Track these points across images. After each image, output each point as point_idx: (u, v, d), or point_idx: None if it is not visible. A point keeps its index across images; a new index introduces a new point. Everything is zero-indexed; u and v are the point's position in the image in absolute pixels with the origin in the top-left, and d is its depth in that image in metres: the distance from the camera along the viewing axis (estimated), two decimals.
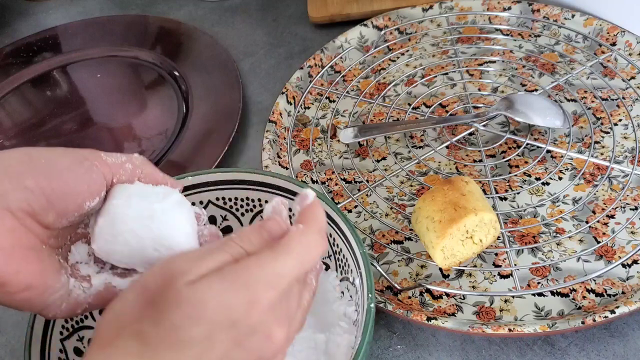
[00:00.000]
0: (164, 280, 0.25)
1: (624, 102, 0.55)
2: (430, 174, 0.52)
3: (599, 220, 0.47)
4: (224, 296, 0.25)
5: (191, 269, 0.26)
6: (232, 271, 0.26)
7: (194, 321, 0.24)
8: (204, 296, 0.25)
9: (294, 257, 0.27)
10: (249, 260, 0.26)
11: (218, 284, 0.25)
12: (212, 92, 0.63)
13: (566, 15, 0.62)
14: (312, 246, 0.28)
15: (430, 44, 0.64)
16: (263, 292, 0.26)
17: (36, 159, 0.30)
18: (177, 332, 0.24)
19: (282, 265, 0.27)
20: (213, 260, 0.26)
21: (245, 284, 0.25)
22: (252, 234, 0.28)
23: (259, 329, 0.26)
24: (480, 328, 0.40)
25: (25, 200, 0.28)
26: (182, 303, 0.24)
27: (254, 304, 0.25)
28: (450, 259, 0.43)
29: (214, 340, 0.25)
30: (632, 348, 0.41)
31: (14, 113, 0.68)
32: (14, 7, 0.84)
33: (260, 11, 0.75)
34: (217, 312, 0.25)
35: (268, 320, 0.26)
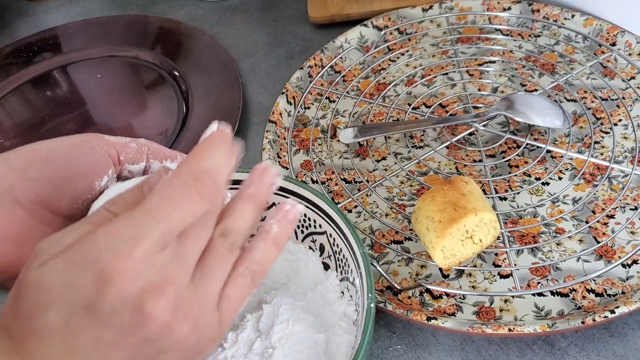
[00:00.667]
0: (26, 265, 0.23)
1: (624, 102, 0.55)
2: (430, 174, 0.52)
3: (599, 220, 0.47)
4: (68, 277, 0.22)
5: (48, 248, 0.23)
6: (80, 245, 0.23)
7: (43, 307, 0.22)
8: (48, 278, 0.22)
9: (152, 214, 0.23)
10: (100, 229, 0.23)
11: (62, 262, 0.22)
12: (212, 92, 0.63)
13: (566, 15, 0.62)
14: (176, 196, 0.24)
15: (430, 44, 0.64)
16: (112, 263, 0.22)
17: (37, 151, 0.30)
18: (31, 320, 0.22)
19: (135, 228, 0.23)
20: (72, 234, 0.23)
21: (89, 258, 0.22)
22: (130, 191, 0.25)
23: (123, 304, 0.22)
24: (480, 328, 0.40)
25: (33, 191, 0.29)
26: (30, 288, 0.22)
27: (103, 280, 0.22)
28: (450, 259, 0.43)
29: (74, 325, 0.22)
30: (632, 348, 0.41)
31: (14, 113, 0.68)
32: (14, 7, 0.84)
33: (260, 11, 0.75)
34: (64, 295, 0.22)
35: (131, 292, 0.22)
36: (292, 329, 0.37)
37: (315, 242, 0.43)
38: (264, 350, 0.36)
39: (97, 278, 0.22)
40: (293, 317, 0.37)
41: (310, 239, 0.43)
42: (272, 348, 0.36)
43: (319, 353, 0.37)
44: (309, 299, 0.40)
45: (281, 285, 0.41)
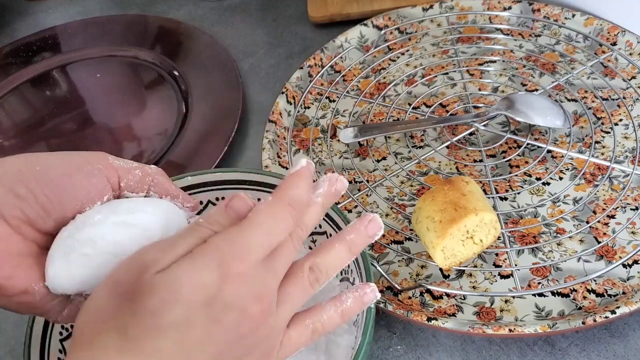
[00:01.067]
0: (134, 273, 0.25)
1: (625, 102, 0.55)
2: (431, 174, 0.52)
3: (600, 221, 0.47)
4: (196, 275, 0.25)
5: (162, 257, 0.26)
6: (201, 251, 0.26)
7: (169, 304, 0.24)
8: (177, 278, 0.25)
9: (260, 227, 0.27)
10: (216, 238, 0.26)
11: (189, 264, 0.25)
12: (212, 92, 0.63)
13: (566, 15, 0.62)
14: (278, 216, 0.28)
15: (430, 43, 0.64)
16: (232, 265, 0.26)
17: (32, 166, 0.29)
18: (155, 318, 0.24)
19: (249, 238, 0.26)
20: (182, 245, 0.26)
21: (214, 260, 0.25)
22: (218, 214, 0.28)
23: (234, 304, 0.26)
24: (480, 328, 0.40)
25: (19, 208, 0.28)
26: (155, 289, 0.24)
27: (225, 280, 0.25)
28: (450, 259, 0.43)
29: (192, 321, 0.25)
30: (632, 348, 0.41)
31: (14, 113, 0.68)
32: (14, 6, 0.84)
33: (260, 11, 0.75)
34: (191, 291, 0.25)
35: (241, 295, 0.26)
36: None
37: (315, 242, 0.43)
38: None
39: (220, 276, 0.25)
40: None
41: (310, 239, 0.43)
42: None
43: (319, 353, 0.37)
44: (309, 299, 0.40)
45: None
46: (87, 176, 0.30)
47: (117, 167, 0.32)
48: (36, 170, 0.29)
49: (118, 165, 0.32)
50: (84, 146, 0.62)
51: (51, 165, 0.30)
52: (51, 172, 0.29)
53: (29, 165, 0.29)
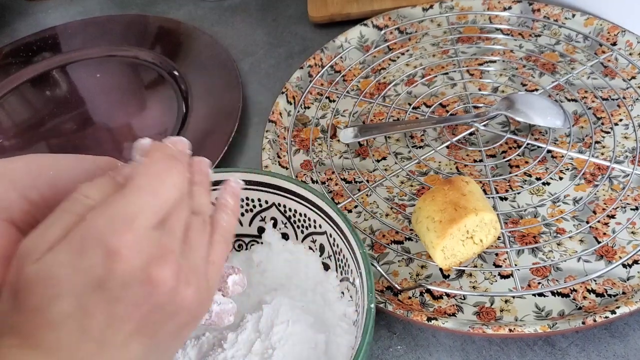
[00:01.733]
0: (15, 266, 0.24)
1: (625, 102, 0.55)
2: (431, 174, 0.52)
3: (600, 220, 0.47)
4: (77, 261, 0.23)
5: (35, 245, 0.24)
6: (79, 231, 0.24)
7: (52, 298, 0.23)
8: (51, 270, 0.23)
9: (144, 190, 0.25)
10: (94, 212, 0.24)
11: (65, 251, 0.23)
12: (212, 92, 0.63)
13: (567, 14, 0.62)
14: (162, 174, 0.26)
15: (430, 43, 0.64)
16: (117, 239, 0.23)
17: (44, 171, 0.29)
18: (42, 312, 0.23)
19: (131, 205, 0.24)
20: (57, 227, 0.24)
21: (95, 238, 0.23)
22: (102, 182, 0.26)
23: (133, 277, 0.24)
24: (480, 328, 0.40)
25: (30, 214, 0.28)
26: (33, 284, 0.23)
27: (112, 256, 0.23)
28: (450, 259, 0.43)
29: (87, 307, 0.23)
30: (632, 348, 0.41)
31: (14, 113, 0.68)
32: (14, 6, 0.84)
33: (260, 11, 0.75)
34: (74, 280, 0.23)
35: (137, 265, 0.24)
36: (292, 330, 0.37)
37: (315, 242, 0.43)
38: (264, 351, 0.36)
39: (105, 256, 0.23)
40: (293, 317, 0.37)
41: (310, 239, 0.43)
42: (272, 348, 0.36)
43: (319, 353, 0.37)
44: (309, 299, 0.40)
45: (281, 285, 0.41)
46: None
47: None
48: (49, 176, 0.29)
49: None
50: (84, 146, 0.62)
51: (63, 170, 0.30)
52: (63, 177, 0.29)
53: (42, 169, 0.29)
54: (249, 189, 0.43)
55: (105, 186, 0.26)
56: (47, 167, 0.29)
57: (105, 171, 0.30)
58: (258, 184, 0.43)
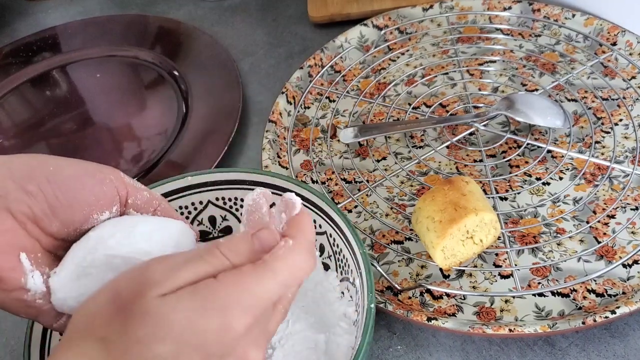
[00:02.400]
0: (135, 288, 0.24)
1: (625, 102, 0.55)
2: (431, 174, 0.52)
3: (600, 220, 0.47)
4: (194, 317, 0.24)
5: (165, 279, 0.24)
6: (207, 289, 0.24)
7: (158, 339, 0.23)
8: (172, 314, 0.23)
9: (277, 278, 0.25)
10: (226, 278, 0.25)
11: (189, 302, 0.24)
12: (212, 92, 0.63)
13: (567, 14, 0.62)
14: (299, 267, 0.26)
15: (430, 43, 0.64)
16: (238, 317, 0.24)
17: (44, 165, 0.29)
18: (142, 347, 0.23)
19: (263, 288, 0.25)
20: (190, 271, 0.25)
21: (219, 307, 0.24)
22: (242, 242, 0.27)
23: (232, 353, 0.25)
24: (480, 328, 0.40)
25: (26, 204, 0.28)
26: (148, 318, 0.23)
27: (227, 330, 0.24)
28: (450, 259, 0.43)
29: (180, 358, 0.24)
30: (632, 348, 0.41)
31: (14, 113, 0.68)
32: (14, 6, 0.84)
33: (260, 11, 0.75)
34: (185, 333, 0.23)
35: (242, 344, 0.25)
36: (292, 329, 0.37)
37: (315, 242, 0.43)
38: None
39: (220, 326, 0.24)
40: (293, 317, 0.37)
41: None
42: (272, 348, 0.36)
43: (319, 353, 0.37)
44: (309, 299, 0.40)
45: None
46: (99, 183, 0.30)
47: (127, 184, 0.32)
48: (49, 170, 0.29)
49: (128, 182, 0.32)
50: (84, 146, 0.62)
51: (64, 166, 0.30)
52: (63, 172, 0.29)
53: (41, 164, 0.29)
54: (249, 189, 0.43)
55: (242, 248, 0.26)
56: (47, 163, 0.30)
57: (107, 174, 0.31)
58: (258, 184, 0.43)
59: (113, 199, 0.31)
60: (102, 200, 0.30)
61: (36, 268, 0.29)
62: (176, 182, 0.42)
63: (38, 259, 0.29)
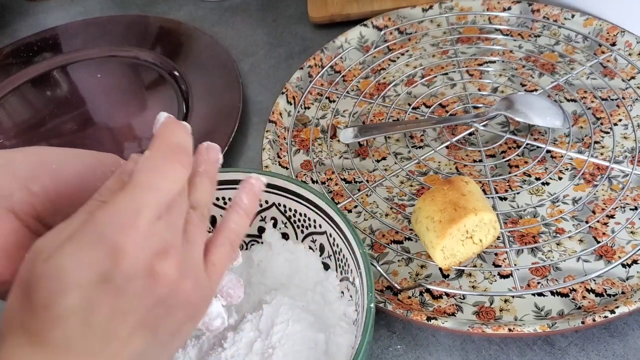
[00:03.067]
0: (28, 263, 0.24)
1: (624, 102, 0.55)
2: (430, 174, 0.52)
3: (599, 220, 0.47)
4: (80, 256, 0.23)
5: (47, 245, 0.24)
6: (83, 228, 0.24)
7: (58, 293, 0.23)
8: (59, 266, 0.23)
9: (145, 187, 0.25)
10: (99, 211, 0.24)
11: (70, 247, 0.24)
12: (212, 92, 0.63)
13: (566, 15, 0.62)
14: (161, 168, 0.26)
15: (430, 44, 0.64)
16: (120, 236, 0.24)
17: (47, 163, 0.29)
18: (49, 310, 0.23)
19: (132, 201, 0.25)
20: (70, 226, 0.25)
21: (98, 235, 0.24)
22: (111, 181, 0.27)
23: (136, 272, 0.24)
24: (480, 328, 0.40)
25: (30, 204, 0.29)
26: (41, 280, 0.23)
27: (115, 252, 0.24)
28: (450, 259, 0.43)
29: (91, 301, 0.23)
30: (632, 348, 0.41)
31: (14, 113, 0.68)
32: (14, 7, 0.84)
33: (260, 11, 0.75)
34: (79, 275, 0.23)
35: (141, 260, 0.24)
36: (292, 329, 0.37)
37: (315, 242, 0.43)
38: (264, 350, 0.36)
39: (109, 252, 0.23)
40: (293, 317, 0.37)
41: (310, 239, 0.43)
42: (272, 348, 0.36)
43: (319, 353, 0.37)
44: (309, 299, 0.40)
45: (281, 285, 0.41)
46: (101, 178, 0.30)
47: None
48: (52, 168, 0.29)
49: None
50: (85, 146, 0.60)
51: (66, 163, 0.30)
52: (66, 170, 0.30)
53: (45, 162, 0.29)
54: None
55: (113, 185, 0.26)
56: (49, 159, 0.30)
57: (108, 166, 0.31)
58: None
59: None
60: None
61: None
62: None
63: None
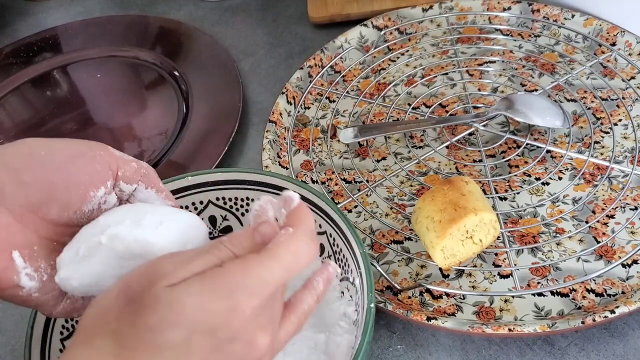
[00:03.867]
0: (146, 281, 0.25)
1: (624, 102, 0.55)
2: (430, 174, 0.52)
3: (599, 220, 0.47)
4: (203, 301, 0.24)
5: (174, 271, 0.25)
6: (214, 275, 0.25)
7: (170, 325, 0.24)
8: (181, 300, 0.24)
9: (281, 263, 0.26)
10: (233, 265, 0.26)
11: (197, 287, 0.25)
12: (212, 92, 0.63)
13: (566, 15, 0.62)
14: (301, 251, 0.27)
15: (430, 44, 0.64)
16: (245, 299, 0.25)
17: (36, 152, 0.30)
18: (153, 335, 0.24)
19: (267, 272, 0.26)
20: (198, 264, 0.26)
21: (227, 290, 0.25)
22: (244, 236, 0.28)
23: (241, 336, 0.25)
24: (480, 328, 0.40)
25: (23, 195, 0.28)
26: (159, 305, 0.24)
27: (235, 312, 0.25)
28: (450, 259, 0.43)
29: (191, 345, 0.24)
30: (631, 348, 0.41)
31: (14, 113, 0.68)
32: (14, 7, 0.84)
33: (260, 11, 0.75)
34: (194, 317, 0.24)
35: (250, 327, 0.25)
36: None
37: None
38: None
39: (228, 308, 0.25)
40: None
41: None
42: None
43: (319, 353, 0.37)
44: None
45: None
46: (91, 161, 0.31)
47: (117, 157, 0.32)
48: (41, 155, 0.30)
49: (117, 155, 0.32)
50: None
51: (55, 150, 0.30)
52: (56, 157, 0.30)
53: (34, 151, 0.30)
54: (249, 189, 0.43)
55: (245, 242, 0.27)
56: (38, 148, 0.30)
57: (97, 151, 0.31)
58: (258, 184, 0.43)
59: (106, 174, 0.31)
60: (96, 178, 0.31)
61: (30, 264, 0.29)
62: (176, 182, 0.42)
63: (33, 253, 0.29)
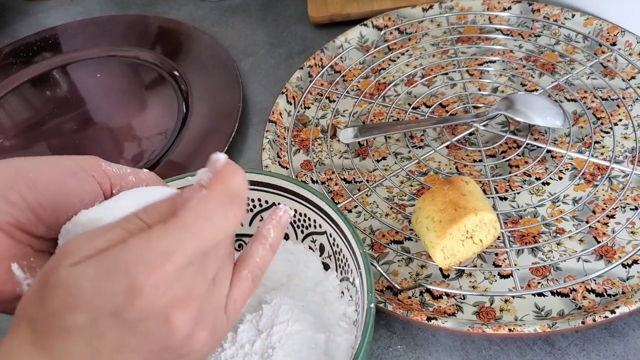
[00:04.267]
0: (53, 261, 0.24)
1: (624, 102, 0.55)
2: (430, 174, 0.52)
3: (599, 220, 0.47)
4: (100, 283, 0.23)
5: (79, 249, 0.24)
6: (114, 252, 0.23)
7: (70, 308, 0.23)
8: (79, 282, 0.23)
9: (188, 229, 0.24)
10: (135, 239, 0.23)
11: (94, 268, 0.23)
12: (212, 92, 0.63)
13: (566, 15, 0.62)
14: (213, 215, 0.24)
15: (430, 43, 0.64)
16: (144, 276, 0.23)
17: (24, 172, 0.29)
18: (57, 319, 0.23)
19: (171, 242, 0.23)
20: (103, 239, 0.24)
21: (123, 267, 0.23)
22: (163, 204, 0.25)
23: (150, 315, 0.23)
24: (480, 328, 0.40)
25: (11, 215, 0.28)
26: (59, 288, 0.23)
27: (134, 291, 0.23)
28: (450, 259, 0.43)
29: (100, 328, 0.23)
30: (632, 348, 0.41)
31: (14, 113, 0.68)
32: (14, 7, 0.84)
33: (260, 11, 0.75)
34: (93, 300, 0.23)
35: (157, 305, 0.23)
36: (292, 329, 0.37)
37: (315, 242, 0.43)
38: (264, 350, 0.36)
39: (128, 289, 0.23)
40: (293, 317, 0.37)
41: (310, 239, 0.43)
42: (272, 348, 0.36)
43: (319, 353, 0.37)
44: (309, 298, 0.40)
45: (281, 285, 0.41)
46: (80, 182, 0.30)
47: (110, 174, 0.31)
48: (28, 177, 0.29)
49: (111, 172, 0.31)
50: (84, 146, 0.62)
51: (43, 170, 0.29)
52: (43, 178, 0.29)
53: (20, 171, 0.29)
54: (249, 189, 0.43)
55: (161, 210, 0.25)
56: (26, 169, 0.29)
57: (88, 171, 0.30)
58: (258, 184, 0.43)
59: (96, 195, 0.31)
60: (85, 199, 0.30)
61: (31, 275, 0.29)
62: (176, 182, 0.42)
63: (32, 263, 0.29)
